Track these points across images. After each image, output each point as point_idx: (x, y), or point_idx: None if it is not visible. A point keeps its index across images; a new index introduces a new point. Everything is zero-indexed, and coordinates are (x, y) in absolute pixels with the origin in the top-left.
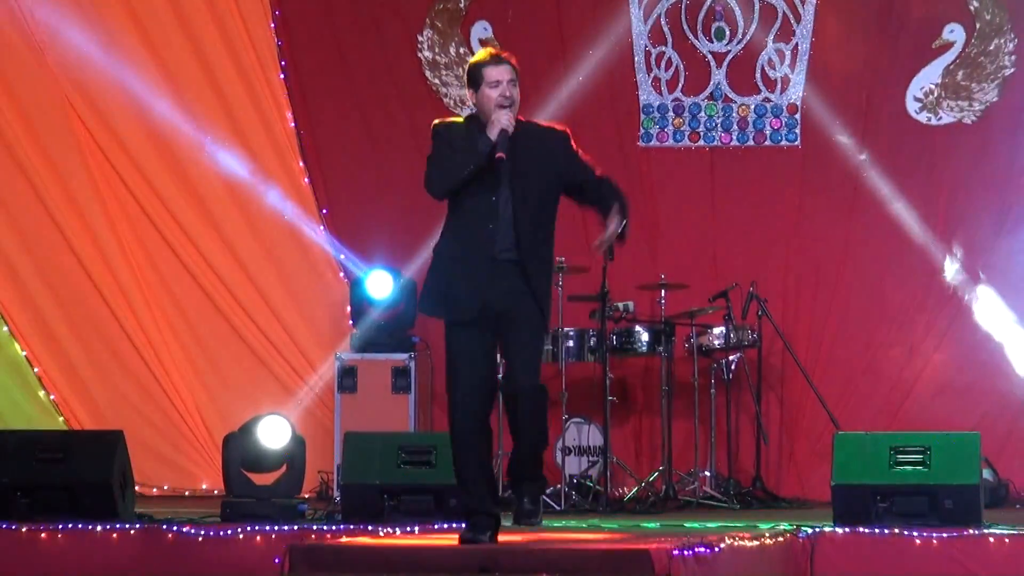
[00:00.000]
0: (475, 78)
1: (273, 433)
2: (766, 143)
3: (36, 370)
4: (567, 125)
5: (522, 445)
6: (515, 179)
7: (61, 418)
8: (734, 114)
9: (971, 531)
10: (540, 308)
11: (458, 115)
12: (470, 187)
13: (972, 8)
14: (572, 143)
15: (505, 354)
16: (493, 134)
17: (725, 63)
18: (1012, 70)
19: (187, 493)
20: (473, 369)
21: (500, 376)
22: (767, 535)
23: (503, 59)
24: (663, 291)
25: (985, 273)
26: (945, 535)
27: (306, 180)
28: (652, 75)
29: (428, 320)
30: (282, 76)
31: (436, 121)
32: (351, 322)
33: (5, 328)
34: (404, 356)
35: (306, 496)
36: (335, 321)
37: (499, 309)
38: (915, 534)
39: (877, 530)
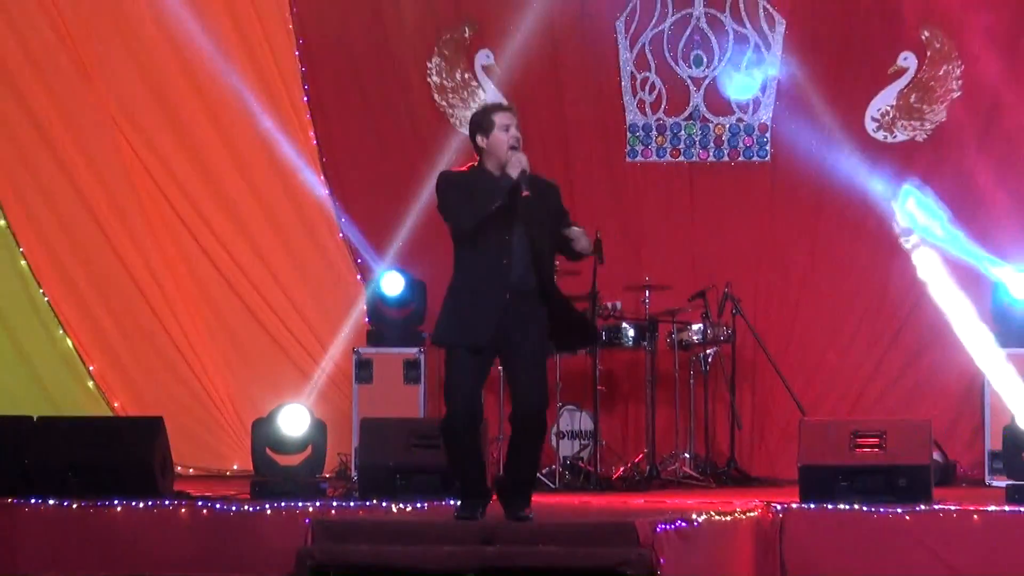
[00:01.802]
0: (486, 124)
1: (296, 420)
2: (739, 159)
3: (85, 363)
4: (560, 146)
5: (519, 469)
6: (526, 219)
7: (108, 406)
8: (711, 133)
9: (922, 506)
10: (545, 338)
11: (462, 134)
12: (486, 227)
13: (923, 37)
14: (561, 197)
15: (514, 378)
16: (514, 173)
17: (703, 87)
18: (959, 93)
19: (220, 472)
20: (474, 385)
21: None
22: (740, 511)
23: (508, 106)
24: (647, 292)
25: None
26: (900, 510)
27: (326, 193)
28: (637, 97)
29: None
30: (305, 99)
31: (443, 171)
32: (367, 319)
33: (59, 326)
34: (415, 350)
35: (327, 476)
36: (352, 319)
37: (513, 337)
38: (873, 509)
39: (840, 506)
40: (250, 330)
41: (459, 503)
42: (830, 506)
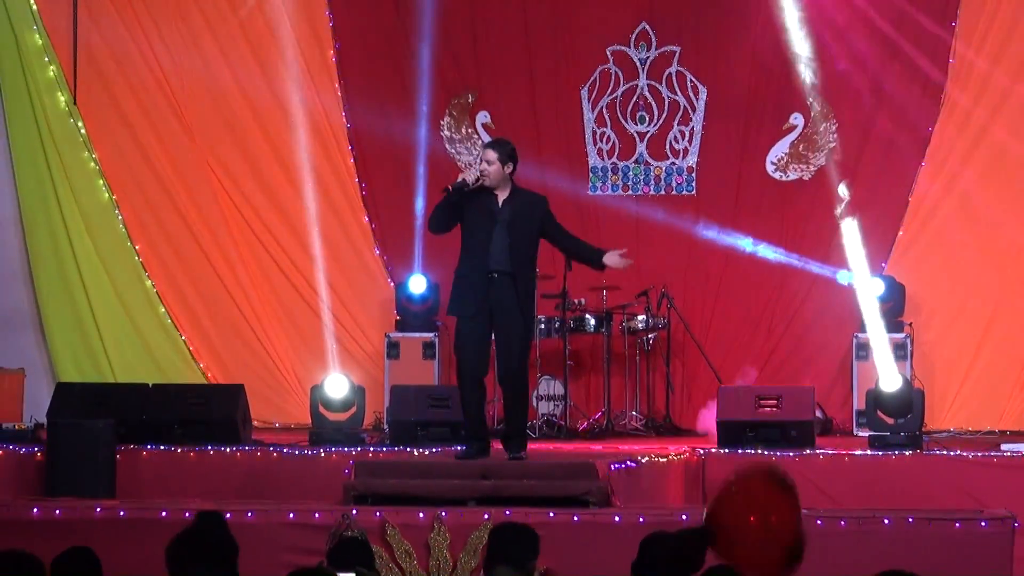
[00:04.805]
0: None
1: (342, 386)
2: (672, 192)
3: (186, 343)
4: (538, 183)
5: (510, 416)
6: (508, 223)
7: (203, 375)
8: (651, 173)
9: (808, 451)
10: (522, 310)
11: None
12: (474, 227)
13: (808, 102)
14: (549, 207)
15: (497, 346)
16: (468, 179)
17: (646, 139)
18: (834, 143)
19: (285, 425)
20: (475, 348)
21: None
22: (673, 454)
23: (488, 145)
24: (604, 291)
25: (820, 278)
26: (791, 454)
27: (366, 219)
28: (597, 146)
29: None
30: (350, 147)
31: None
32: (396, 311)
33: (167, 315)
34: (431, 334)
35: (366, 428)
36: (385, 311)
37: (495, 308)
38: (771, 454)
39: (747, 451)
40: (309, 319)
41: (463, 447)
42: (740, 451)
